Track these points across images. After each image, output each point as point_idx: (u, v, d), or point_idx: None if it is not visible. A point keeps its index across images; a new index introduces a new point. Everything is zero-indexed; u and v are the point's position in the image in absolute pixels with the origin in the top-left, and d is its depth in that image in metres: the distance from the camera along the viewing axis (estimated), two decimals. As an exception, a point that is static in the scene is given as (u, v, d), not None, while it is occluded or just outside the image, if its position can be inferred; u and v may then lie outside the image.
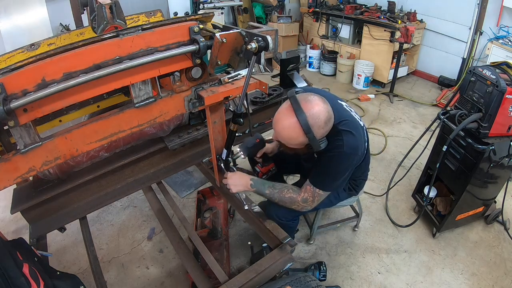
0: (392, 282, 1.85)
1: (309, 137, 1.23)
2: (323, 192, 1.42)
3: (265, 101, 2.06)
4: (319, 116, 1.22)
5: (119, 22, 1.56)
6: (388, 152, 3.03)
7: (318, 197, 1.43)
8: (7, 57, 1.75)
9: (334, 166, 1.37)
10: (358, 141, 1.36)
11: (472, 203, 2.01)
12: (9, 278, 0.99)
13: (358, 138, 1.36)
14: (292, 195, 1.46)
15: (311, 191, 1.42)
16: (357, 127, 1.39)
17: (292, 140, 1.28)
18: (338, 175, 1.40)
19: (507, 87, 1.55)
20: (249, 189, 1.51)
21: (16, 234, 2.20)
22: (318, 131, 1.24)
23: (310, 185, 1.42)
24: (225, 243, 1.99)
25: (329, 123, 1.27)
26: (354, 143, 1.34)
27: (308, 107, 1.22)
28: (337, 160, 1.35)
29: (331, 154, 1.34)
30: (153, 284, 1.86)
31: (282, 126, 1.27)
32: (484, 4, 3.67)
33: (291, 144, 1.31)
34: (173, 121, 1.71)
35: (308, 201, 1.44)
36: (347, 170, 1.40)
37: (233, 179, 1.50)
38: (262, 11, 4.96)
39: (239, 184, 1.50)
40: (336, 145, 1.32)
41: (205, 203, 2.34)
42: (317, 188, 1.41)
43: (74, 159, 1.47)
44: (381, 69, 4.28)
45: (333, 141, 1.33)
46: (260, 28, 1.29)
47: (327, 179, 1.41)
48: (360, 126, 1.43)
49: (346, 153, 1.32)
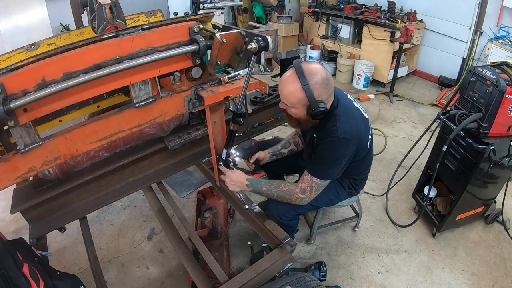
0: (392, 282, 1.85)
1: (305, 90, 1.25)
2: (321, 181, 1.42)
3: (265, 101, 2.06)
4: (316, 72, 1.28)
5: (119, 22, 1.56)
6: (388, 152, 3.03)
7: (316, 187, 1.43)
8: (7, 57, 1.75)
9: (329, 152, 1.38)
10: (352, 127, 1.36)
11: (472, 203, 2.01)
12: (9, 278, 0.99)
13: (353, 124, 1.37)
14: (290, 187, 1.47)
15: (309, 181, 1.42)
16: (353, 115, 1.40)
17: (291, 95, 1.30)
18: (334, 162, 1.39)
19: (507, 87, 1.55)
20: (246, 189, 1.52)
21: (16, 234, 2.20)
22: (315, 87, 1.26)
23: (307, 175, 1.43)
24: (225, 243, 1.99)
25: (327, 86, 1.29)
26: (347, 128, 1.34)
27: (306, 65, 1.29)
28: (331, 146, 1.35)
29: (326, 140, 1.36)
30: (153, 284, 1.86)
31: (283, 81, 1.33)
32: (484, 4, 3.67)
33: (292, 103, 1.32)
34: (173, 121, 1.71)
35: (306, 191, 1.44)
36: (343, 157, 1.39)
37: (231, 178, 1.51)
38: (262, 11, 4.96)
39: (236, 182, 1.51)
40: (330, 131, 1.34)
41: (205, 203, 2.34)
42: (314, 177, 1.41)
43: (74, 159, 1.47)
44: (381, 69, 4.28)
45: (328, 127, 1.36)
46: (260, 28, 1.29)
47: (323, 167, 1.41)
48: (360, 115, 1.44)
49: (340, 138, 1.33)
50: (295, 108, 1.34)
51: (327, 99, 1.32)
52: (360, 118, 1.44)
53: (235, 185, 1.51)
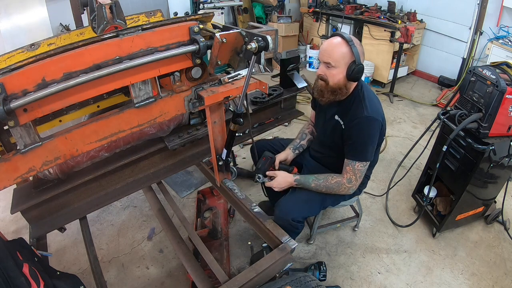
0: (392, 282, 1.85)
1: (351, 45, 1.37)
2: (361, 164, 1.48)
3: (265, 101, 2.05)
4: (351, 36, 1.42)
5: (119, 22, 1.56)
6: (388, 152, 3.03)
7: (359, 173, 1.51)
8: (7, 57, 1.75)
9: (360, 133, 1.44)
10: (378, 108, 1.46)
11: (472, 203, 2.01)
12: (9, 278, 0.99)
13: (378, 106, 1.46)
14: (338, 179, 1.55)
15: (351, 170, 1.50)
16: (377, 100, 1.50)
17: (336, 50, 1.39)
18: (367, 141, 1.45)
19: (507, 87, 1.55)
20: (294, 185, 1.62)
21: (16, 234, 2.20)
22: (358, 47, 1.39)
23: (348, 165, 1.51)
24: (225, 243, 1.99)
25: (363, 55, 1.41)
26: (374, 109, 1.43)
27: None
28: (361, 126, 1.43)
29: (355, 122, 1.43)
30: (153, 284, 1.86)
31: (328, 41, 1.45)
32: (484, 4, 3.67)
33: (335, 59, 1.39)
34: (173, 121, 1.71)
35: (352, 180, 1.52)
36: (373, 136, 1.45)
37: (278, 182, 1.61)
38: (262, 11, 4.96)
39: (283, 184, 1.61)
40: (357, 112, 1.43)
41: (205, 203, 2.34)
42: (355, 161, 1.48)
43: (74, 159, 1.47)
44: (381, 69, 4.28)
45: (354, 108, 1.45)
46: (260, 28, 1.29)
47: (359, 149, 1.47)
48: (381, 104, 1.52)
49: (368, 117, 1.41)
50: (336, 68, 1.41)
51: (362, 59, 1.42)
52: (381, 106, 1.51)
53: (284, 186, 1.62)
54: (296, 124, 3.48)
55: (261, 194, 2.31)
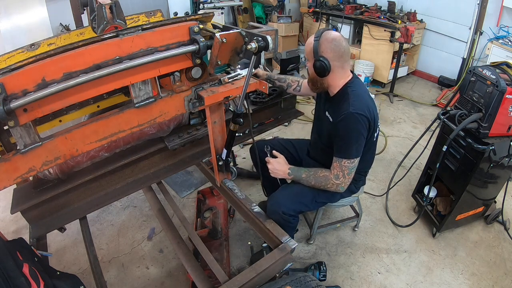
0: (392, 282, 1.85)
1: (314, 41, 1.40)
2: (347, 160, 1.48)
3: (265, 101, 2.05)
4: (331, 34, 1.42)
5: (119, 22, 1.56)
6: (388, 152, 3.03)
7: (347, 170, 1.50)
8: (7, 57, 1.75)
9: (345, 130, 1.44)
10: (363, 105, 1.43)
11: (472, 203, 2.01)
12: (9, 278, 0.99)
13: (364, 103, 1.44)
14: (326, 173, 1.55)
15: (338, 166, 1.50)
16: (366, 98, 1.49)
17: (306, 47, 1.48)
18: (352, 138, 1.45)
19: (507, 87, 1.55)
20: (287, 176, 1.64)
21: (16, 234, 2.20)
22: (323, 42, 1.40)
23: (335, 161, 1.51)
24: (225, 243, 1.99)
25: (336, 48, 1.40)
26: (359, 105, 1.41)
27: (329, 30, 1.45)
28: (346, 122, 1.42)
29: (340, 118, 1.43)
30: (153, 284, 1.86)
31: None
32: (484, 4, 3.67)
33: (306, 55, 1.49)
34: (173, 121, 1.71)
35: (339, 176, 1.51)
36: (359, 133, 1.44)
37: (274, 166, 1.63)
38: (262, 11, 4.96)
39: (279, 169, 1.63)
40: (342, 108, 1.43)
41: (205, 203, 2.34)
42: (342, 159, 1.48)
43: (74, 159, 1.47)
44: (381, 69, 4.28)
45: (340, 104, 1.46)
46: (260, 28, 1.29)
47: (345, 146, 1.47)
48: (373, 103, 1.52)
49: (352, 113, 1.39)
50: (309, 62, 1.48)
51: (334, 60, 1.41)
52: (372, 103, 1.51)
53: (277, 173, 1.63)
54: (296, 124, 3.48)
55: (261, 194, 2.32)
